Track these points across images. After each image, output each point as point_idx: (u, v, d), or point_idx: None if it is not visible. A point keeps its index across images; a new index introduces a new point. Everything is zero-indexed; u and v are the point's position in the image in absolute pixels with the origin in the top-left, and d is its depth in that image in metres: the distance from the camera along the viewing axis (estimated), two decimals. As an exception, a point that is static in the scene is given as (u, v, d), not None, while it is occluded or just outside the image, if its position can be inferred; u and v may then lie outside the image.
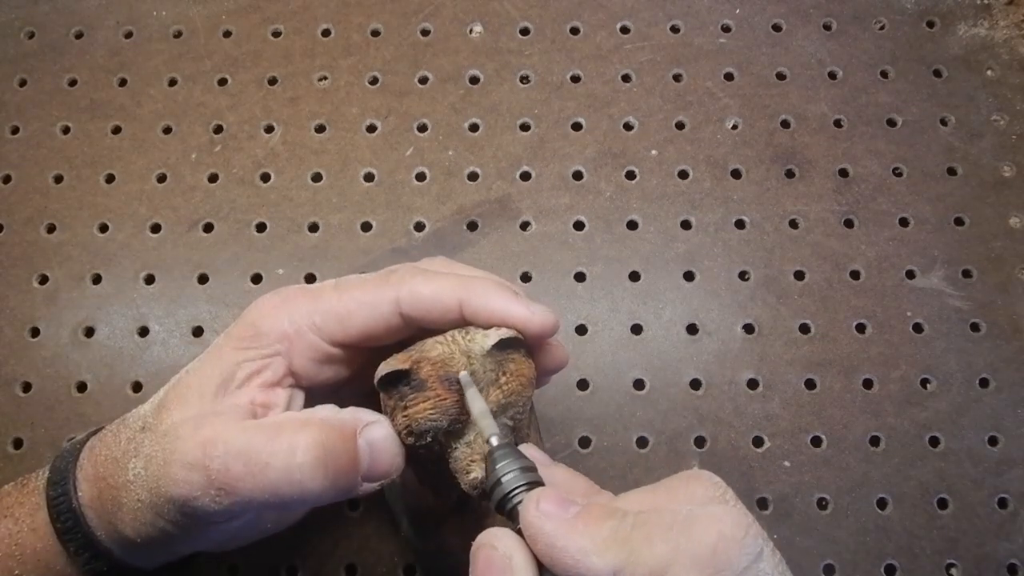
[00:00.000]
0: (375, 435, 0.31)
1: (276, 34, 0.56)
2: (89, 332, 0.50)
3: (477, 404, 0.31)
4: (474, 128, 0.54)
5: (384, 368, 0.31)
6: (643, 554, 0.26)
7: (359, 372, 0.35)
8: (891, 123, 0.54)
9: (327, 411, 0.32)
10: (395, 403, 0.32)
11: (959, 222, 0.52)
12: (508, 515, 0.29)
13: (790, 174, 0.53)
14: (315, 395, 0.35)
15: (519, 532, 0.28)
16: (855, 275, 0.51)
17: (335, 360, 0.34)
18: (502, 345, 0.31)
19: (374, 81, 0.55)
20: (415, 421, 0.31)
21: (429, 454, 0.32)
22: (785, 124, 0.54)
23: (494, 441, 0.30)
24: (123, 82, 0.55)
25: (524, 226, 0.52)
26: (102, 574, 0.33)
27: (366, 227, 0.52)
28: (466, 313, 0.32)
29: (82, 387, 0.49)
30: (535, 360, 0.34)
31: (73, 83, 0.55)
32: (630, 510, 0.27)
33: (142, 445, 0.31)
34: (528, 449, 0.32)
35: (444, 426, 0.31)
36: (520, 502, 0.29)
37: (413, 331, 0.33)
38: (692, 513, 0.26)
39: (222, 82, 0.55)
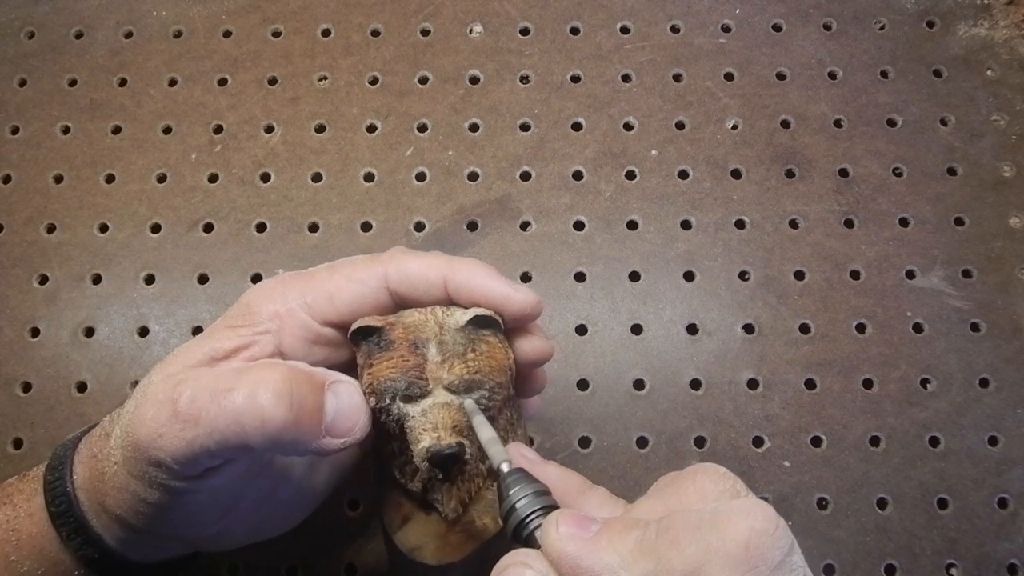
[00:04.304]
0: (342, 391, 0.31)
1: (276, 34, 0.56)
2: (89, 332, 0.50)
3: (485, 431, 0.31)
4: (474, 128, 0.54)
5: (358, 323, 0.32)
6: (673, 559, 0.25)
7: (351, 362, 0.36)
8: (891, 123, 0.54)
9: (299, 363, 0.32)
10: (363, 361, 0.32)
11: (959, 222, 0.52)
12: (525, 541, 0.29)
13: (790, 174, 0.53)
14: None
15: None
16: (855, 275, 0.51)
17: (325, 341, 0.34)
18: (477, 323, 0.32)
19: (374, 81, 0.55)
20: (376, 379, 0.31)
21: (390, 427, 0.33)
22: (785, 124, 0.54)
23: (504, 468, 0.30)
24: (123, 82, 0.55)
25: (524, 226, 0.52)
26: (93, 561, 0.33)
27: (366, 227, 0.52)
28: (450, 289, 0.33)
29: (82, 387, 0.49)
30: (518, 347, 0.34)
31: (73, 83, 0.55)
32: (651, 518, 0.27)
33: (123, 412, 0.32)
34: (516, 447, 0.32)
35: (402, 388, 0.31)
36: (537, 527, 0.28)
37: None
38: (717, 510, 0.26)
39: (222, 82, 0.55)
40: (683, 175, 0.53)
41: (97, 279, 0.51)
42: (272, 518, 0.37)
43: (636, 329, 0.50)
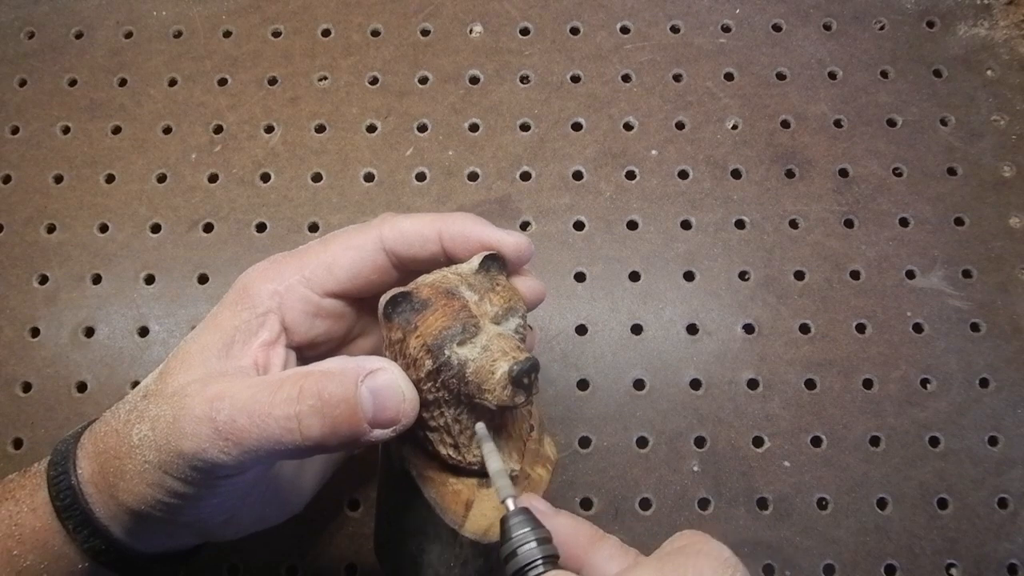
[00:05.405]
0: (378, 381, 0.31)
1: (276, 34, 0.56)
2: (89, 332, 0.50)
3: (493, 462, 0.31)
4: (474, 128, 0.54)
5: (387, 295, 0.32)
6: None
7: (352, 331, 0.36)
8: (891, 123, 0.54)
9: (332, 363, 0.32)
10: (404, 334, 0.32)
11: (959, 222, 0.52)
12: None
13: (790, 174, 0.53)
14: (313, 358, 0.35)
15: None
16: (855, 275, 0.51)
17: (327, 313, 0.35)
18: (487, 265, 0.33)
19: (374, 81, 0.55)
20: (428, 336, 0.31)
21: (449, 388, 0.32)
22: (785, 124, 0.54)
23: (510, 505, 0.30)
24: (123, 82, 0.55)
25: (524, 226, 0.52)
26: (100, 552, 0.33)
27: (366, 227, 0.52)
28: (445, 241, 0.34)
29: (82, 387, 0.49)
30: (516, 286, 0.35)
31: (73, 83, 0.55)
32: None
33: (146, 410, 0.32)
34: (529, 498, 0.32)
35: (459, 331, 0.31)
36: None
37: (401, 276, 0.35)
38: None
39: (222, 82, 0.55)
40: (683, 175, 0.53)
41: (97, 279, 0.51)
42: (277, 505, 0.38)
43: (636, 329, 0.50)
